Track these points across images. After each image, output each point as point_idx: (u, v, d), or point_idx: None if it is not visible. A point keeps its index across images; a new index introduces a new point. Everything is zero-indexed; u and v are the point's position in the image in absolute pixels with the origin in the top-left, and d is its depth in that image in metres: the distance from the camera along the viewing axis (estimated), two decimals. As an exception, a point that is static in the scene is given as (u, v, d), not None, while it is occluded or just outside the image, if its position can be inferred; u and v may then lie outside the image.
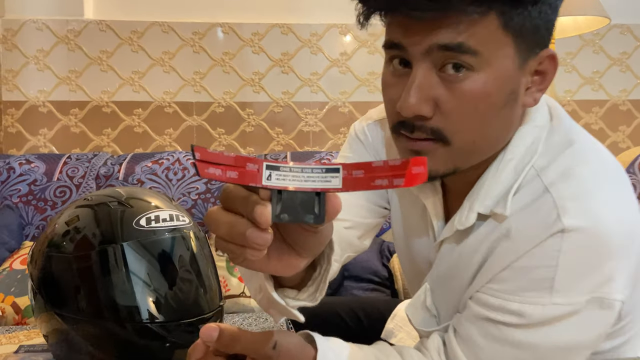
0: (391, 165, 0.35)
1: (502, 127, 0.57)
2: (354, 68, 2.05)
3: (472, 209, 0.59)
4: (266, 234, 0.36)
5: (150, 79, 1.99)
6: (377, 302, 1.09)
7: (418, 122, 0.54)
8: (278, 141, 2.03)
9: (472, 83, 0.52)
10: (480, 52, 0.51)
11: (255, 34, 2.00)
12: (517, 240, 0.55)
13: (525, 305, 0.54)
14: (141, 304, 0.80)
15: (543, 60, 0.56)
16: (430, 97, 0.53)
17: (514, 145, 0.59)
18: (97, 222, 0.84)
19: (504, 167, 0.58)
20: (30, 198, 1.75)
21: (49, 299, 0.83)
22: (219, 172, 0.34)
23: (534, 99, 0.57)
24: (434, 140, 0.55)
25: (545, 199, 0.55)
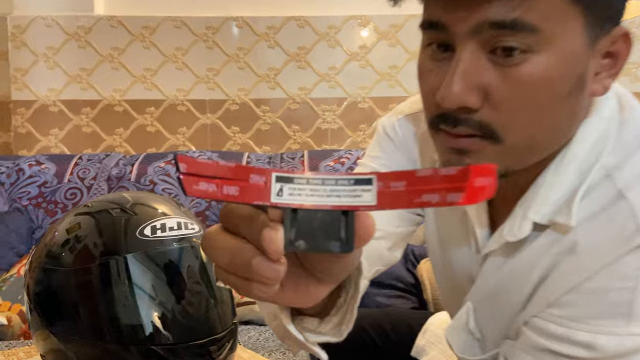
0: (444, 176, 0.26)
1: (565, 120, 0.48)
2: (374, 62, 1.96)
3: (526, 217, 0.51)
4: (277, 266, 0.28)
5: (162, 77, 1.93)
6: (406, 315, 1.01)
7: (462, 115, 0.46)
8: (295, 139, 1.96)
9: (531, 67, 0.44)
10: (540, 28, 0.43)
11: (271, 28, 1.93)
12: (586, 257, 0.47)
13: (597, 336, 0.46)
14: (146, 323, 0.73)
15: (616, 39, 0.47)
16: (478, 85, 0.45)
17: (577, 141, 0.50)
18: (99, 232, 0.78)
19: (565, 167, 0.50)
20: (40, 200, 1.71)
21: (45, 316, 0.76)
22: (212, 188, 0.26)
23: (604, 86, 0.48)
24: (481, 137, 0.46)
25: (620, 207, 0.47)
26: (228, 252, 0.29)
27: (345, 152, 1.77)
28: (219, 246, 0.30)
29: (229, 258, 0.29)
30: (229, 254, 0.29)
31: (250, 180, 0.27)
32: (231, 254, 0.29)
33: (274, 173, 0.27)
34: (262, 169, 0.27)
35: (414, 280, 1.42)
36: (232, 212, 0.30)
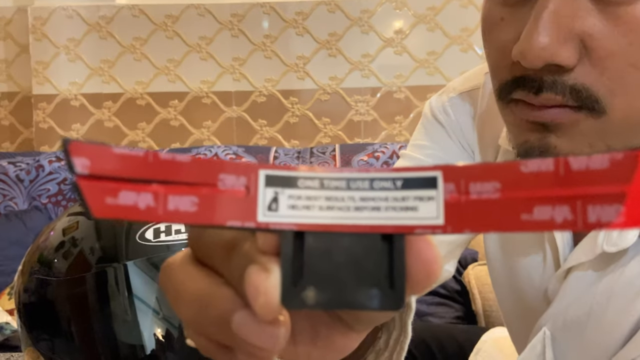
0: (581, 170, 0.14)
1: None
2: (411, 48, 1.83)
3: None
4: (273, 328, 0.17)
5: (186, 68, 1.85)
6: (454, 332, 0.89)
7: (549, 77, 0.34)
8: (325, 132, 1.85)
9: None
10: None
11: (299, 14, 1.82)
12: None
13: None
14: (148, 342, 0.63)
15: None
16: (573, 34, 0.33)
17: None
18: (96, 235, 0.68)
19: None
20: (60, 198, 1.65)
21: (33, 333, 0.67)
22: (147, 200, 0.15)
23: None
24: (577, 108, 0.34)
25: None
26: (196, 300, 0.19)
27: (380, 146, 1.65)
28: (183, 288, 0.19)
29: (196, 309, 0.19)
30: (197, 303, 0.19)
31: (219, 184, 0.16)
32: (200, 304, 0.19)
33: (261, 171, 0.16)
34: (239, 165, 0.16)
35: (459, 287, 1.28)
36: (203, 236, 0.19)
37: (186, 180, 0.15)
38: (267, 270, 0.16)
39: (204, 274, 0.19)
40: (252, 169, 0.16)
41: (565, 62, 0.33)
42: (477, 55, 1.81)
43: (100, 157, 0.15)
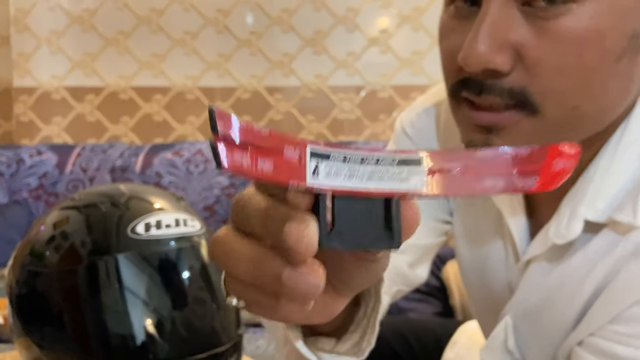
0: (513, 156, 0.23)
1: (617, 89, 0.40)
2: (396, 47, 1.86)
3: (575, 215, 0.43)
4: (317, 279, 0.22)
5: (170, 62, 1.85)
6: (432, 324, 0.92)
7: (489, 80, 0.39)
8: (309, 130, 1.87)
9: (574, 20, 0.37)
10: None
11: (285, 11, 1.83)
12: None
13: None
14: (138, 333, 0.65)
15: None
16: (508, 43, 0.38)
17: (637, 121, 0.42)
18: (86, 229, 0.69)
19: (623, 153, 0.42)
20: (41, 193, 1.63)
21: (26, 323, 0.68)
22: (246, 161, 0.20)
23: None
24: (515, 109, 0.39)
25: None
26: (249, 262, 0.24)
27: (364, 144, 1.68)
28: (236, 255, 0.24)
29: (250, 269, 0.24)
30: (250, 264, 0.24)
31: (284, 154, 0.21)
32: (253, 265, 0.24)
33: (309, 145, 0.22)
34: (295, 140, 0.22)
35: (438, 284, 1.31)
36: (248, 205, 0.24)
37: (267, 147, 0.21)
38: (306, 221, 0.21)
39: (252, 241, 0.24)
40: (302, 144, 0.21)
41: (500, 68, 0.38)
42: (459, 56, 1.84)
43: (228, 123, 0.20)
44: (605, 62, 0.38)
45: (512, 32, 0.38)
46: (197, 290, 0.68)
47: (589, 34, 0.37)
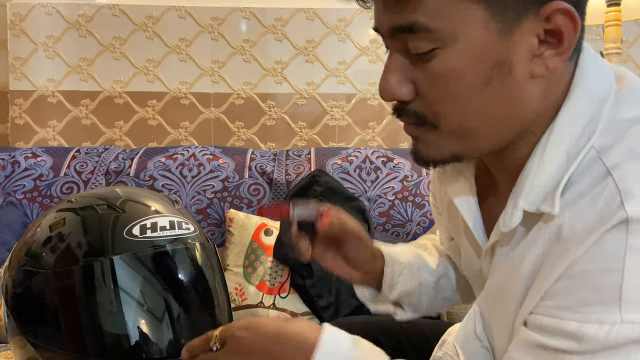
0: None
1: (497, 105, 0.48)
2: (385, 57, 1.88)
3: (516, 207, 0.50)
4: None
5: (165, 68, 1.88)
6: (421, 324, 0.95)
7: (402, 106, 0.51)
8: (301, 136, 1.90)
9: (439, 62, 0.47)
10: (437, 28, 0.46)
11: (278, 20, 1.86)
12: (570, 240, 0.45)
13: (585, 325, 0.43)
14: (132, 333, 0.66)
15: (551, 16, 0.45)
16: (407, 80, 0.49)
17: (561, 123, 0.49)
18: (83, 230, 0.71)
19: (550, 152, 0.49)
20: (36, 194, 1.65)
21: (21, 322, 0.69)
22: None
23: (547, 67, 0.47)
24: (422, 125, 0.51)
25: (605, 184, 0.44)
26: None
27: (354, 150, 1.71)
28: None
29: None
30: None
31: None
32: None
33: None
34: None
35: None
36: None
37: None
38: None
39: None
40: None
41: (404, 98, 0.49)
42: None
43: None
44: (470, 90, 0.47)
45: (409, 72, 0.49)
46: (191, 291, 0.71)
47: (449, 72, 0.47)
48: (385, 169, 1.66)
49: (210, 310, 0.71)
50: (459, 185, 0.59)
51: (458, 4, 0.45)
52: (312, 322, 0.54)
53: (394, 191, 1.64)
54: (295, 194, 1.61)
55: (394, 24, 0.47)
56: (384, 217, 1.64)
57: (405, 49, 0.48)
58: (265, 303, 1.43)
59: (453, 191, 0.59)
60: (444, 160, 0.52)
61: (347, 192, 1.59)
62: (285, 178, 1.66)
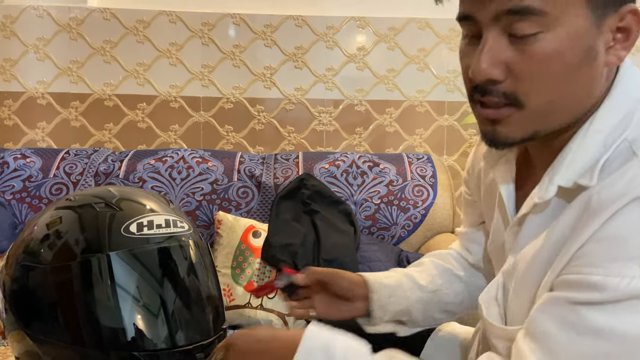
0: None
1: (582, 86, 0.55)
2: (373, 64, 1.93)
3: (552, 182, 0.56)
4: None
5: (155, 72, 1.90)
6: None
7: (490, 86, 0.55)
8: (289, 140, 1.93)
9: (543, 44, 0.52)
10: (547, 12, 0.52)
11: (268, 26, 1.90)
12: (598, 209, 0.51)
13: (609, 278, 0.48)
14: (128, 327, 0.69)
15: (624, 16, 0.54)
16: (500, 61, 0.54)
17: (602, 116, 0.56)
18: (81, 227, 0.73)
19: (590, 139, 0.56)
20: (25, 195, 1.65)
21: (20, 317, 0.72)
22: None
23: (618, 57, 0.55)
24: (508, 106, 0.55)
25: (631, 164, 0.52)
26: None
27: (341, 155, 1.74)
28: None
29: None
30: None
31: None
32: None
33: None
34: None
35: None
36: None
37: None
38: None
39: None
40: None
41: (497, 78, 0.54)
42: (432, 74, 1.93)
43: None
44: (566, 70, 0.53)
45: (503, 54, 0.54)
46: (186, 287, 0.73)
47: (553, 53, 0.52)
48: (372, 174, 1.70)
49: (203, 305, 0.74)
50: (501, 167, 0.66)
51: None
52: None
53: (379, 195, 1.68)
54: (283, 197, 1.64)
55: (506, 7, 0.52)
56: (370, 221, 1.67)
57: (507, 32, 0.53)
58: (253, 304, 1.45)
59: (496, 172, 0.67)
60: (523, 140, 0.57)
61: (334, 195, 1.63)
62: (273, 181, 1.69)
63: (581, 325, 0.48)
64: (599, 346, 0.48)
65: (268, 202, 1.68)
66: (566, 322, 0.49)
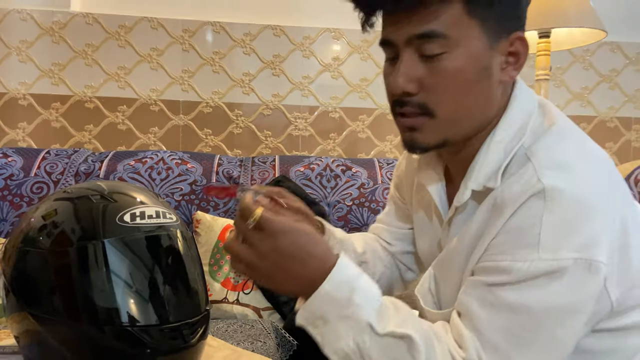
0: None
1: (481, 99, 0.65)
2: (346, 74, 2.02)
3: (467, 187, 0.66)
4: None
5: (136, 76, 1.94)
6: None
7: (406, 98, 0.64)
8: (266, 144, 2.00)
9: (447, 62, 0.62)
10: (450, 35, 0.61)
11: (247, 35, 1.97)
12: (504, 206, 0.60)
13: (514, 262, 0.57)
14: (122, 306, 0.75)
15: (514, 42, 0.64)
16: (414, 77, 0.63)
17: (501, 128, 0.66)
18: (77, 217, 0.79)
19: (493, 148, 0.65)
20: (6, 193, 1.68)
21: (22, 297, 0.77)
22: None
23: (510, 76, 0.65)
24: (421, 115, 0.64)
25: (527, 167, 0.61)
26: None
27: (316, 159, 1.81)
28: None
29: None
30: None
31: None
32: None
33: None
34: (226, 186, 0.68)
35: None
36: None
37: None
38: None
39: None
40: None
41: (411, 91, 0.63)
42: (403, 84, 2.03)
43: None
44: (467, 85, 0.63)
45: (416, 71, 0.63)
46: (173, 271, 0.80)
47: (455, 70, 0.62)
48: (344, 177, 1.78)
49: (189, 288, 0.81)
50: (429, 175, 0.75)
51: (465, 20, 0.61)
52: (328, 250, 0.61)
53: (351, 197, 1.76)
54: (260, 198, 1.71)
55: (416, 32, 0.61)
56: (342, 221, 1.75)
57: (417, 53, 0.62)
58: (230, 299, 1.51)
59: (425, 179, 0.75)
60: (436, 145, 0.66)
61: (308, 197, 1.70)
62: (251, 183, 1.75)
63: (497, 303, 0.57)
64: (513, 319, 0.57)
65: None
66: (486, 301, 0.58)
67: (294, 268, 0.59)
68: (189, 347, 0.79)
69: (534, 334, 0.56)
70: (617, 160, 2.18)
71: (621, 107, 2.19)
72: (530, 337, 0.56)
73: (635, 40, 2.17)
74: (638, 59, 2.18)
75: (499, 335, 0.57)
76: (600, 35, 1.50)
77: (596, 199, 0.57)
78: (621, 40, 2.16)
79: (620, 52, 2.17)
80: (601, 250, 0.56)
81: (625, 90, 2.19)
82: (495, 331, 0.57)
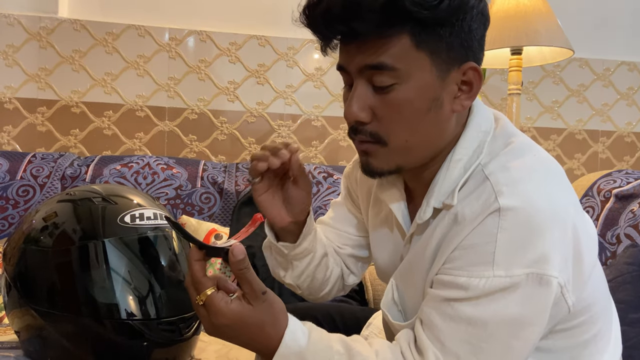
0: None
1: (432, 129, 0.66)
2: (329, 84, 2.09)
3: (428, 205, 0.67)
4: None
5: (123, 82, 1.97)
6: (355, 309, 1.11)
7: (360, 127, 0.65)
8: (250, 151, 2.04)
9: (397, 93, 0.62)
10: (399, 68, 0.61)
11: (233, 44, 2.02)
12: (463, 223, 0.62)
13: (471, 279, 0.59)
14: (120, 302, 0.79)
15: (466, 71, 0.64)
16: (367, 106, 0.64)
17: (461, 146, 0.67)
18: (78, 218, 0.84)
19: (453, 167, 0.67)
20: (-9, 196, 1.69)
21: (24, 293, 0.81)
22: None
23: (463, 105, 0.66)
24: (374, 143, 0.65)
25: (485, 186, 0.63)
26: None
27: (298, 166, 1.86)
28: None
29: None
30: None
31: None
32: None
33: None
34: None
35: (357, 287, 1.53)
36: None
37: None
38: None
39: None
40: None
41: (363, 120, 0.64)
42: (383, 94, 2.10)
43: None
44: (417, 115, 0.63)
45: (369, 100, 0.63)
46: (169, 270, 0.85)
47: (405, 101, 0.62)
48: (326, 184, 1.84)
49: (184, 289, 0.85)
50: (391, 193, 0.75)
51: (414, 53, 0.61)
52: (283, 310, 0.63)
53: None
54: (244, 203, 1.75)
55: (366, 63, 0.61)
56: (324, 226, 1.82)
57: (369, 83, 0.63)
58: (214, 301, 1.55)
59: (387, 197, 0.76)
60: (389, 171, 0.67)
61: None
62: (235, 188, 1.80)
63: (456, 316, 0.60)
64: (470, 331, 0.59)
65: (229, 207, 1.79)
66: (446, 314, 0.61)
67: (243, 344, 0.63)
68: (184, 340, 0.83)
69: (491, 345, 0.59)
70: (585, 170, 2.29)
71: (589, 120, 2.30)
72: (487, 348, 0.59)
73: (602, 57, 2.29)
74: (605, 75, 2.30)
75: (459, 345, 0.60)
76: (568, 53, 1.60)
77: (548, 215, 0.59)
78: (589, 57, 2.28)
79: (588, 68, 2.29)
80: (552, 264, 0.58)
81: (593, 104, 2.31)
82: (456, 342, 0.60)
